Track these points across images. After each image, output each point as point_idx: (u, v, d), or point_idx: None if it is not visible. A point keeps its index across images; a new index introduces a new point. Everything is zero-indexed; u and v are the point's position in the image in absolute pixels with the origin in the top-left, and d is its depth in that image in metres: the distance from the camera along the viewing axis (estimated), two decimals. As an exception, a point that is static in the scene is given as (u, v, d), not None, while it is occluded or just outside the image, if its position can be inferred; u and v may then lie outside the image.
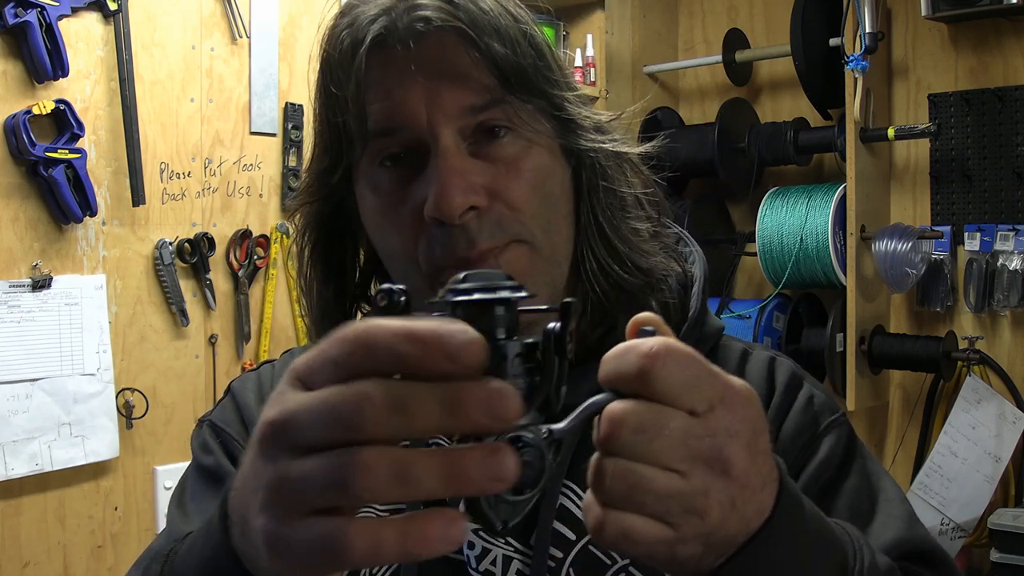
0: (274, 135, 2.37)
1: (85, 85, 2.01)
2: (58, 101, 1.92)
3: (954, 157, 2.36)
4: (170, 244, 2.15)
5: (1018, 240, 2.23)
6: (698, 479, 0.48)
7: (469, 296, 0.45)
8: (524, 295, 0.47)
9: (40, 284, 1.92)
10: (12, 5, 1.85)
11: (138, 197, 2.07)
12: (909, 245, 2.22)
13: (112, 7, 2.02)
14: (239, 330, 2.30)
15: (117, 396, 2.06)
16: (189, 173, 2.20)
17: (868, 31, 2.20)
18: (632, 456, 0.48)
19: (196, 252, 2.20)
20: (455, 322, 0.42)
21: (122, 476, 2.08)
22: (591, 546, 0.74)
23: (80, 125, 1.95)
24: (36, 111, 1.89)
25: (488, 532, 0.74)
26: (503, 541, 0.75)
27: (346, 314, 0.84)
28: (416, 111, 0.71)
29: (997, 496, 2.22)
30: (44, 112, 1.90)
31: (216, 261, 2.25)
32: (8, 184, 1.90)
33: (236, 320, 2.30)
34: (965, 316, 2.35)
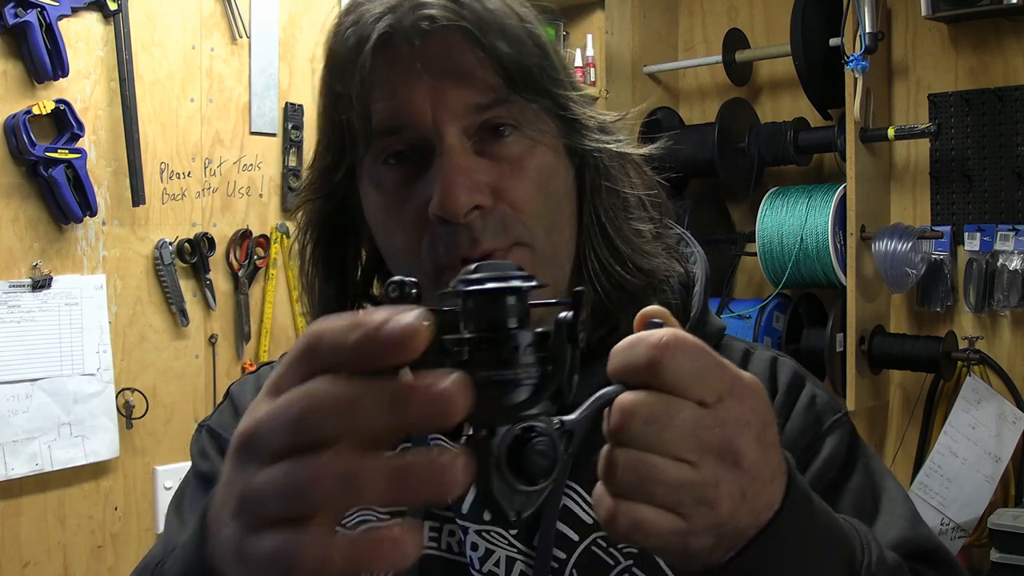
0: (274, 135, 2.37)
1: (85, 85, 2.00)
2: (58, 101, 1.91)
3: (954, 157, 2.36)
4: (170, 244, 2.15)
5: (1018, 240, 2.23)
6: (709, 470, 0.48)
7: (482, 285, 0.45)
8: (535, 285, 0.47)
9: (40, 284, 1.92)
10: (12, 5, 1.85)
11: (138, 197, 2.07)
12: (909, 245, 2.22)
13: (112, 7, 2.02)
14: (239, 330, 2.30)
15: (117, 396, 2.05)
16: (189, 173, 2.20)
17: (868, 31, 2.20)
18: (643, 447, 0.48)
19: (196, 252, 2.20)
20: (408, 308, 0.40)
21: (122, 476, 2.08)
22: (594, 547, 0.74)
23: (80, 125, 1.95)
24: (36, 111, 1.88)
25: (501, 523, 0.74)
26: (506, 543, 0.75)
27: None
28: (421, 109, 0.71)
29: (997, 496, 2.22)
30: (44, 112, 1.90)
31: (216, 261, 2.25)
32: (8, 184, 1.89)
33: (236, 320, 2.30)
34: (965, 316, 2.35)
